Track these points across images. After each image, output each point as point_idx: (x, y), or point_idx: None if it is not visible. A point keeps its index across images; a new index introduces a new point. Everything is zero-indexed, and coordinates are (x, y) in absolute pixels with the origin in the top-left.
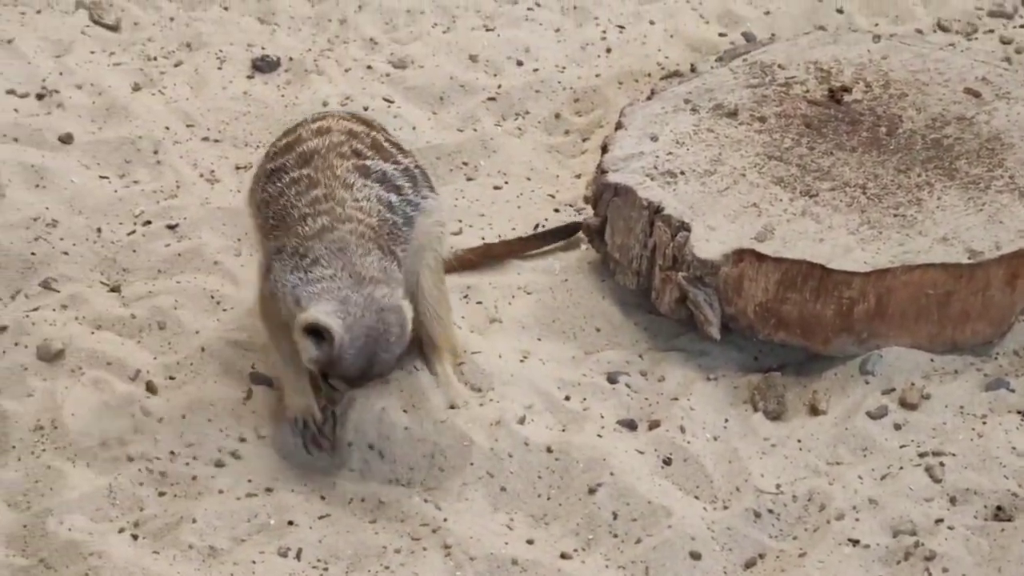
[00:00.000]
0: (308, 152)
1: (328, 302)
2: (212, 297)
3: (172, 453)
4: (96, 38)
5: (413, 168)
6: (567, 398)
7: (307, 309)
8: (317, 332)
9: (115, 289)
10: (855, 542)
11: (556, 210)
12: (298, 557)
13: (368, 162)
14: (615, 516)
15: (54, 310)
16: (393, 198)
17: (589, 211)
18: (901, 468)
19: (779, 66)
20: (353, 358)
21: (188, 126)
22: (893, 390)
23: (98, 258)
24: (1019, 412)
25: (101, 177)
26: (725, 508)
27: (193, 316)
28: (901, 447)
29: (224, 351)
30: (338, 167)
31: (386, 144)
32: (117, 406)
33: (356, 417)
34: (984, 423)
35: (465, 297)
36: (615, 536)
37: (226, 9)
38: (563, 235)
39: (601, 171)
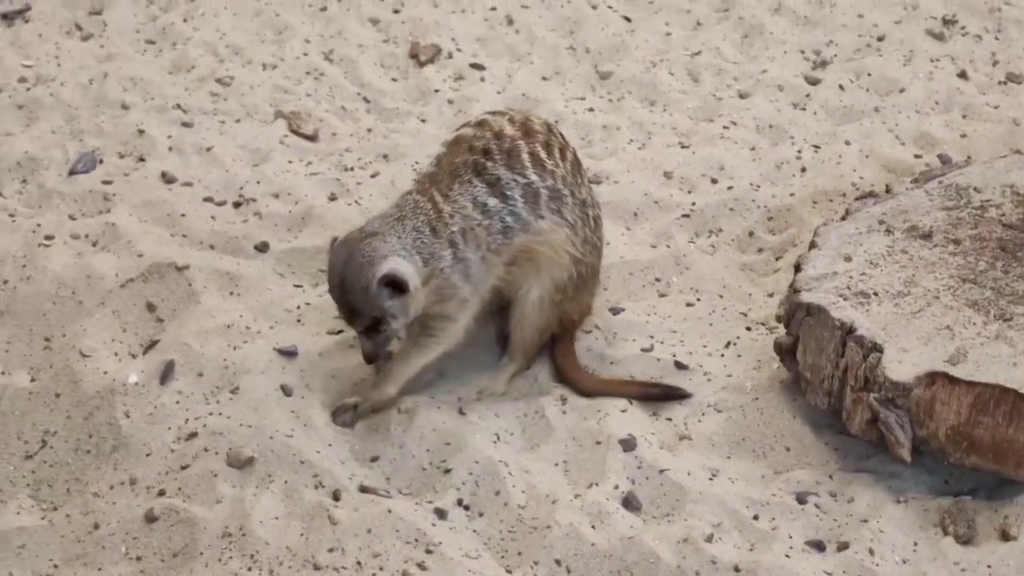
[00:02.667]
0: (457, 138)
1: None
2: (399, 410)
3: (358, 563)
4: (294, 147)
5: (541, 188)
6: (755, 517)
7: None
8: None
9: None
10: None
11: (748, 328)
12: None
13: (488, 163)
14: None
15: (245, 417)
16: (492, 202)
17: (781, 330)
18: None
19: (975, 189)
20: (330, 271)
21: None
22: None
23: (290, 365)
24: None
25: (295, 286)
26: None
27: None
28: None
29: (418, 458)
30: (459, 157)
31: (525, 156)
32: (304, 514)
33: (544, 536)
34: None
35: (655, 415)
36: None
37: (423, 121)
38: (670, 396)
39: (794, 290)
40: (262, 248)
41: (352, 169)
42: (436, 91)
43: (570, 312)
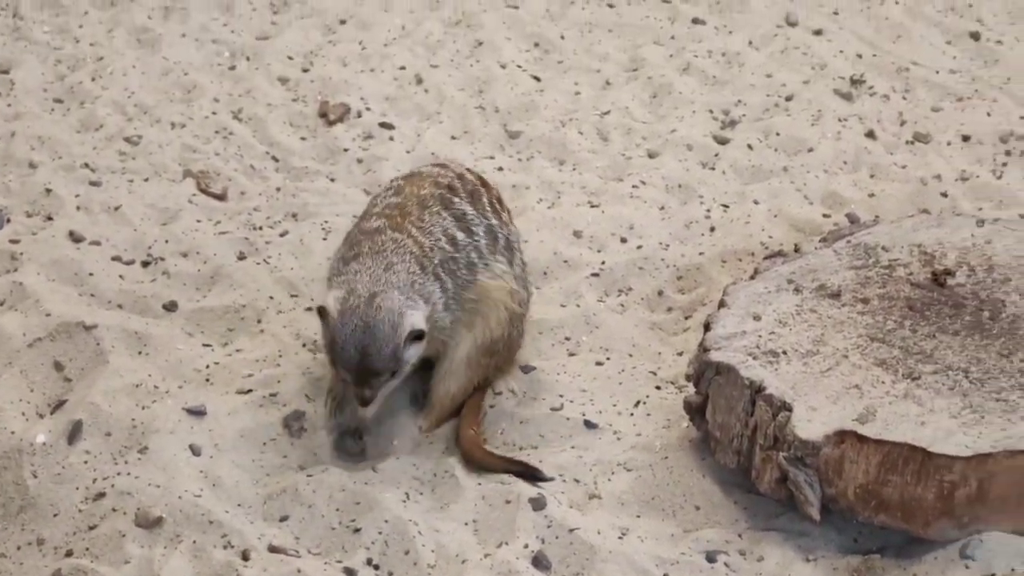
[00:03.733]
0: (415, 172)
1: (340, 289)
2: (302, 467)
3: None
4: (202, 207)
5: (500, 231)
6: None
7: (325, 297)
8: (323, 313)
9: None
10: None
11: (657, 387)
12: None
13: (455, 199)
14: None
15: (154, 477)
16: (460, 236)
17: (691, 389)
18: None
19: (883, 248)
20: (344, 343)
21: (292, 296)
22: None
23: (199, 425)
24: None
25: (204, 345)
26: None
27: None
28: None
29: (327, 517)
30: (425, 189)
31: (485, 200)
32: (213, 574)
33: None
34: None
35: (562, 476)
36: None
37: (332, 180)
38: (529, 476)
39: (703, 349)
40: (171, 307)
41: (261, 228)
42: (345, 150)
43: (491, 373)
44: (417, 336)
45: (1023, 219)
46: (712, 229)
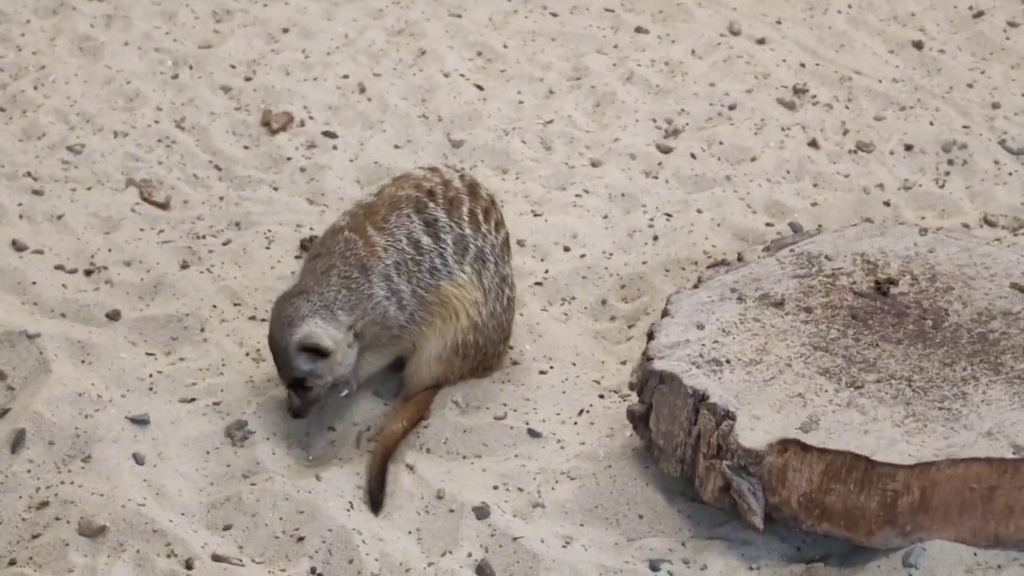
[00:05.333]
0: (405, 175)
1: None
2: (246, 475)
3: None
4: (145, 216)
5: (473, 242)
6: None
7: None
8: None
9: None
10: None
11: (601, 396)
12: None
13: (431, 204)
14: None
15: (97, 486)
16: (426, 240)
17: (634, 398)
18: None
19: (826, 257)
20: (269, 345)
21: (235, 304)
22: None
23: (142, 434)
24: None
25: (147, 354)
26: None
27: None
28: None
29: (271, 526)
30: (403, 191)
31: (465, 210)
32: None
33: None
34: None
35: (505, 485)
36: None
37: (276, 189)
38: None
39: (647, 358)
40: (114, 316)
41: (204, 237)
42: (288, 159)
43: (465, 374)
44: (318, 351)
45: (966, 228)
46: (655, 238)
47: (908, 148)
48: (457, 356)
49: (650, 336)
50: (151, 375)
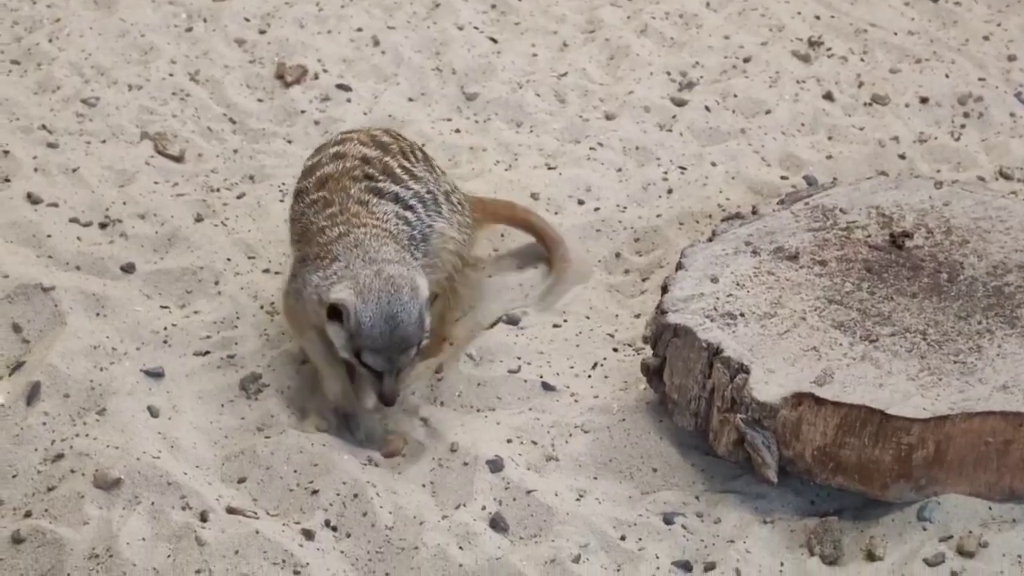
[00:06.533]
0: (324, 176)
1: (341, 283)
2: (260, 428)
3: None
4: (160, 169)
5: (424, 193)
6: (623, 538)
7: (328, 299)
8: (337, 312)
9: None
10: None
11: (615, 349)
12: None
13: (380, 184)
14: None
15: (112, 438)
16: (410, 216)
17: (648, 351)
18: None
19: (841, 210)
20: (372, 321)
21: (249, 257)
22: (950, 537)
23: (157, 387)
24: None
25: (162, 307)
26: None
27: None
28: None
29: (285, 479)
30: (351, 188)
31: (398, 170)
32: (172, 535)
33: (411, 558)
34: None
35: (519, 439)
36: None
37: (290, 142)
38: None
39: (661, 311)
40: (128, 269)
41: (218, 190)
42: (302, 112)
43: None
44: (432, 299)
45: (981, 181)
46: (669, 191)
47: (923, 101)
48: (450, 281)
49: (664, 289)
50: (165, 328)
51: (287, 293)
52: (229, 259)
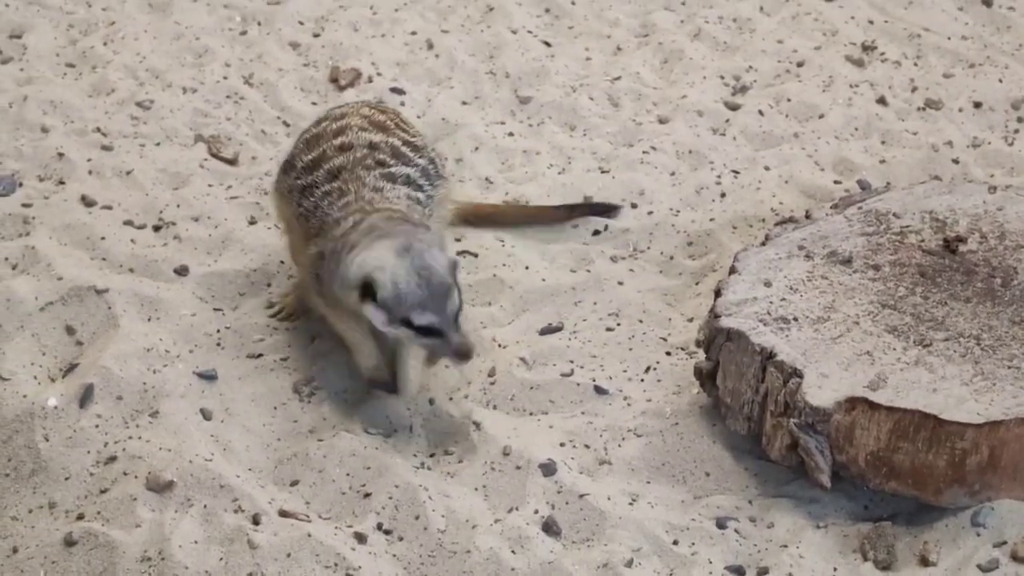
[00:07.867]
0: (335, 168)
1: (366, 262)
2: (312, 431)
3: None
4: (214, 171)
5: (427, 165)
6: (675, 542)
7: (357, 279)
8: (370, 291)
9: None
10: None
11: (668, 353)
12: None
13: (392, 169)
14: None
15: (164, 441)
16: (421, 195)
17: (701, 355)
18: None
19: (894, 215)
20: (407, 277)
21: None
22: (1005, 543)
23: (209, 389)
24: None
25: (215, 310)
26: None
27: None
28: None
29: (338, 482)
30: (366, 177)
31: (404, 148)
32: (224, 538)
33: (463, 561)
34: None
35: (572, 442)
36: None
37: None
38: (595, 211)
39: (714, 315)
40: (182, 272)
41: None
42: None
43: None
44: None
45: None
46: (723, 195)
47: (977, 105)
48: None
49: (717, 293)
50: (218, 330)
51: (311, 291)
52: (282, 262)
